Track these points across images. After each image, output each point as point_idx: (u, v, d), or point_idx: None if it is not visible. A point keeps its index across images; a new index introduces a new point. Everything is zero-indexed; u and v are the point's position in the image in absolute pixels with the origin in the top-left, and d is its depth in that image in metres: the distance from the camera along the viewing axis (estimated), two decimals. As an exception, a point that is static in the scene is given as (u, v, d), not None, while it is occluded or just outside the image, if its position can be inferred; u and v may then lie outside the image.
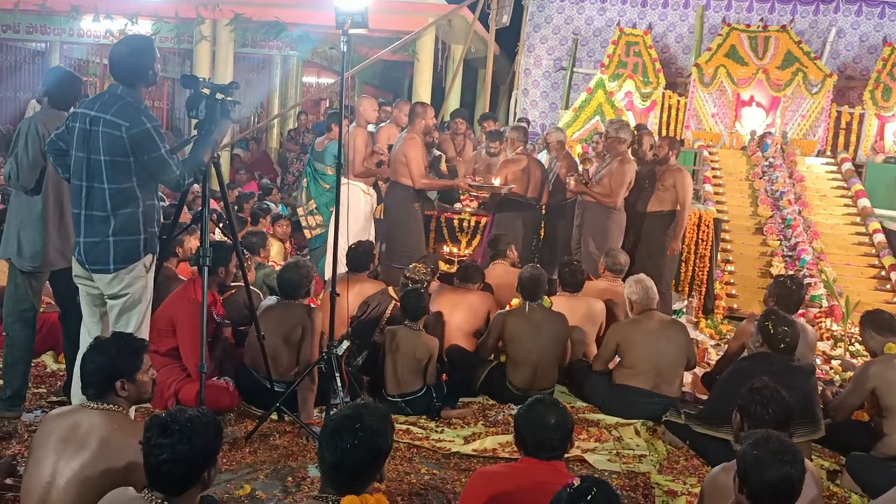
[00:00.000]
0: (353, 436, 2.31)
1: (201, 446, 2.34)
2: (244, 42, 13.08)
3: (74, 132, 3.54)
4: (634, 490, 3.98)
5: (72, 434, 2.67)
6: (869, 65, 11.79)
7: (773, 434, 2.63)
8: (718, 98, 11.43)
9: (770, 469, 2.49)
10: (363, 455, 2.32)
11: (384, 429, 2.40)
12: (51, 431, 2.70)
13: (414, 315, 4.87)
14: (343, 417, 2.38)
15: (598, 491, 2.25)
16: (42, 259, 4.13)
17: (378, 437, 2.35)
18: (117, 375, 2.78)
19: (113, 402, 2.78)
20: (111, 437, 2.66)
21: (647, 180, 6.80)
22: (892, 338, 4.44)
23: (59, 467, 2.61)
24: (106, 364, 2.78)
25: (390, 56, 12.38)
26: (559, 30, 13.19)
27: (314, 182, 7.54)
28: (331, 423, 2.38)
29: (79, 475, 2.60)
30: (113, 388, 2.78)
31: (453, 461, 4.18)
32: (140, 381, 2.85)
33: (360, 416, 2.36)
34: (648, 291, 5.12)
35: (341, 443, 2.30)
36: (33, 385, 4.69)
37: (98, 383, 2.79)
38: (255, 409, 4.57)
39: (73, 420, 2.72)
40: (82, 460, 2.61)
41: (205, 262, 3.76)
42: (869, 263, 8.34)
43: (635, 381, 4.93)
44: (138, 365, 2.84)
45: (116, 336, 2.97)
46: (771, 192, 9.30)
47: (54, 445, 2.65)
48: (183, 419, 2.34)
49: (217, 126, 3.69)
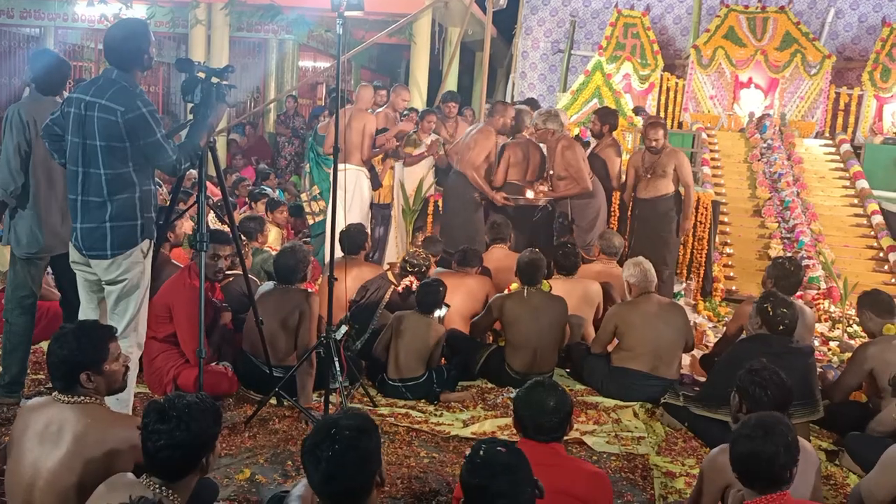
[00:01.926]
0: (332, 443, 2.16)
1: (199, 432, 2.33)
2: (239, 26, 13.00)
3: (70, 117, 3.52)
4: (633, 472, 4.00)
5: (45, 431, 2.60)
6: (868, 46, 11.74)
7: (761, 413, 2.67)
8: (717, 80, 11.39)
9: (739, 443, 2.56)
10: (350, 458, 2.16)
11: (365, 426, 2.24)
12: (25, 427, 2.63)
13: (428, 309, 4.87)
14: (319, 428, 2.23)
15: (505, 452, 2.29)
16: (38, 245, 4.13)
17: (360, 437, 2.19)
18: (81, 367, 2.65)
19: (83, 393, 2.67)
20: (86, 431, 2.59)
21: (642, 167, 6.81)
22: (890, 319, 4.45)
23: (38, 466, 2.56)
24: (68, 356, 2.64)
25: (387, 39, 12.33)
26: (556, 12, 13.13)
27: (317, 167, 7.52)
28: (308, 441, 2.21)
29: (58, 472, 2.55)
30: (78, 381, 2.66)
31: (452, 444, 4.19)
32: (108, 371, 2.72)
33: (335, 423, 2.21)
34: (647, 274, 5.12)
35: (322, 453, 2.15)
36: (32, 371, 4.70)
37: (63, 377, 2.67)
38: (254, 393, 4.58)
39: (46, 416, 2.63)
40: (58, 457, 2.55)
41: (202, 248, 3.75)
42: (867, 245, 8.34)
43: (634, 364, 4.94)
44: (103, 355, 2.70)
45: (79, 326, 2.81)
46: (769, 174, 9.28)
47: (30, 443, 2.59)
48: (181, 405, 2.33)
49: (213, 110, 3.67)
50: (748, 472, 2.54)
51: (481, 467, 2.26)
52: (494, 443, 2.36)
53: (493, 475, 2.24)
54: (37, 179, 4.08)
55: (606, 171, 7.17)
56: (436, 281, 5.00)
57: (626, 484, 3.87)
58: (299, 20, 13.02)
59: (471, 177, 6.61)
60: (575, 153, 6.64)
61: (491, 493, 2.23)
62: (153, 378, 4.49)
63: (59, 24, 13.48)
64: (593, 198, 6.77)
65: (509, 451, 2.32)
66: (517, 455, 2.32)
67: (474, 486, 2.26)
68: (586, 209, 6.75)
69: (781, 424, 2.57)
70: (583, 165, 6.64)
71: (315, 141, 7.63)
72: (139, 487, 2.34)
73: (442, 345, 4.90)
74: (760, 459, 2.49)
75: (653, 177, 6.76)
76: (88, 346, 2.68)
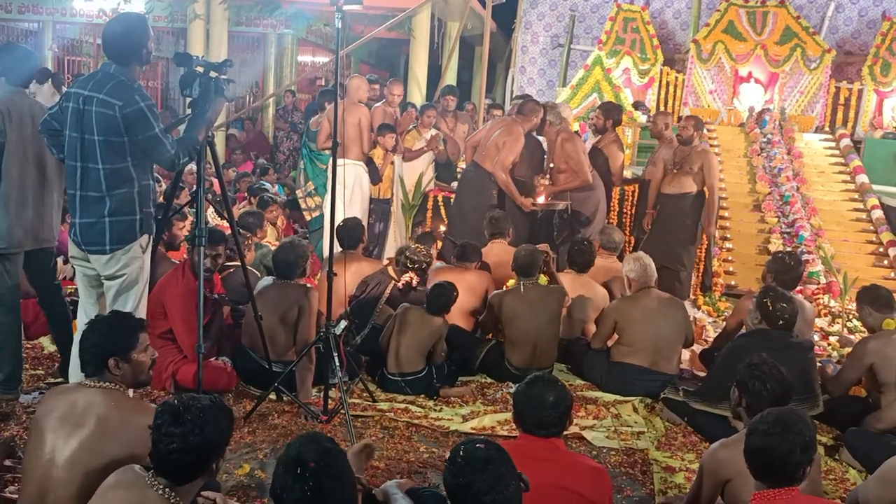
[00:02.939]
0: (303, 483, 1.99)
1: (212, 437, 2.32)
2: (238, 20, 12.97)
3: (68, 112, 3.52)
4: (632, 466, 4.00)
5: (69, 412, 2.65)
6: (868, 40, 11.71)
7: (780, 409, 2.64)
8: (716, 74, 11.37)
9: (753, 438, 2.54)
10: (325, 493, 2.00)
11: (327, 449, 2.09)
12: (50, 410, 2.69)
13: (437, 311, 4.86)
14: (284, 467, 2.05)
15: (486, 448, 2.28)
16: (7, 240, 4.01)
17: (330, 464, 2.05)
18: (111, 353, 2.74)
19: (110, 380, 2.76)
20: (108, 414, 2.65)
21: (671, 161, 6.79)
22: (889, 314, 4.45)
23: (58, 445, 2.60)
24: (100, 342, 2.75)
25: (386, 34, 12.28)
26: (556, 6, 13.09)
27: (310, 163, 7.49)
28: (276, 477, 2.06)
29: (77, 453, 2.59)
30: (107, 367, 2.75)
31: (452, 439, 4.19)
32: (136, 360, 2.80)
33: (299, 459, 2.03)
34: (647, 269, 5.11)
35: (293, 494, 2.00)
36: (31, 367, 4.69)
37: (93, 361, 2.77)
38: (254, 389, 4.58)
39: (71, 398, 2.70)
40: (80, 438, 2.60)
41: (200, 243, 3.74)
42: (867, 240, 8.33)
43: (633, 359, 4.94)
44: (133, 344, 2.80)
45: (113, 314, 2.95)
46: (769, 168, 9.26)
47: (53, 424, 2.64)
48: (196, 408, 2.32)
49: (211, 104, 3.66)
50: (760, 465, 2.53)
51: (463, 465, 2.24)
52: (473, 441, 2.35)
53: (475, 471, 2.22)
54: (9, 172, 3.96)
55: (608, 166, 7.15)
56: (448, 284, 4.97)
57: (626, 479, 3.87)
58: (298, 14, 12.99)
59: (502, 181, 6.55)
60: (575, 145, 6.64)
61: (475, 490, 2.20)
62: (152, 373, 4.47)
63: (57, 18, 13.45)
64: (593, 191, 6.76)
65: (489, 447, 2.31)
66: (497, 450, 2.30)
67: (459, 487, 2.24)
68: (585, 203, 6.74)
69: (801, 423, 2.55)
70: (583, 158, 6.64)
71: (307, 137, 7.59)
72: (145, 486, 2.33)
73: (443, 340, 4.89)
74: (774, 456, 2.48)
75: (679, 172, 6.75)
76: (120, 333, 2.79)
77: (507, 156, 6.50)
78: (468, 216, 6.64)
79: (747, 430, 2.62)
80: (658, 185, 6.94)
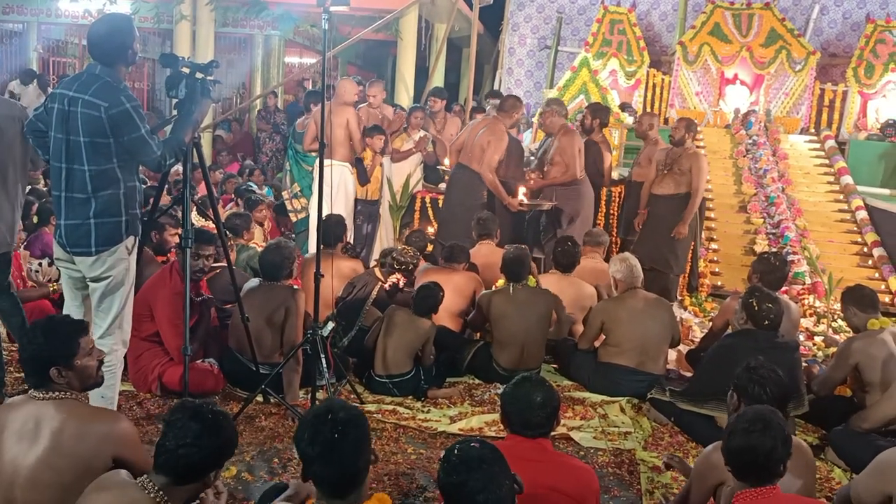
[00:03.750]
0: (333, 426, 2.20)
1: (223, 443, 2.37)
2: (225, 21, 12.94)
3: (53, 113, 3.49)
4: (619, 467, 4.01)
5: (22, 428, 2.55)
6: (852, 42, 11.79)
7: (757, 407, 2.66)
8: (702, 76, 11.42)
9: (735, 437, 2.56)
10: (351, 440, 2.22)
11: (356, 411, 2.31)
12: (3, 426, 2.57)
13: (424, 313, 4.86)
14: (314, 417, 2.27)
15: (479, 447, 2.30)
16: None
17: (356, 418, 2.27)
18: (51, 362, 2.61)
19: (57, 389, 2.63)
20: (62, 427, 2.54)
21: (663, 162, 6.82)
22: (874, 314, 4.47)
23: (18, 463, 2.52)
24: (36, 351, 2.61)
25: (373, 35, 12.30)
26: (543, 8, 13.12)
27: (296, 165, 7.46)
28: (305, 427, 2.25)
29: (37, 469, 2.50)
30: (49, 377, 2.61)
31: (440, 440, 4.19)
32: (80, 366, 2.67)
33: (329, 409, 2.27)
34: (633, 270, 5.13)
35: (323, 437, 2.20)
36: (16, 370, 4.65)
37: (33, 372, 2.64)
38: (241, 391, 4.56)
39: (23, 413, 2.59)
40: (37, 455, 2.51)
41: (187, 244, 3.72)
42: (851, 240, 8.39)
43: (620, 359, 4.95)
44: (73, 350, 2.65)
45: (48, 321, 2.77)
46: (755, 169, 9.32)
47: (9, 442, 2.54)
48: (216, 411, 2.37)
49: (197, 106, 3.64)
50: (744, 464, 2.54)
51: (457, 464, 2.26)
52: (468, 441, 2.38)
53: (469, 470, 2.24)
54: None
55: (597, 166, 7.18)
56: (434, 285, 4.97)
57: (613, 479, 3.88)
58: (285, 16, 12.97)
59: (489, 181, 6.56)
60: (572, 140, 6.69)
61: (469, 489, 2.22)
62: (138, 376, 4.46)
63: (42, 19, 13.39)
64: (579, 188, 6.79)
65: (483, 447, 2.32)
66: (492, 450, 2.32)
67: (452, 485, 2.25)
68: (570, 200, 6.75)
69: (777, 418, 2.59)
70: (577, 154, 6.67)
71: (293, 139, 7.57)
72: (132, 488, 2.32)
73: (432, 343, 4.88)
74: (758, 453, 2.50)
75: (669, 173, 6.77)
76: (56, 341, 2.64)
77: (493, 154, 6.51)
78: (458, 218, 6.62)
79: (727, 432, 2.62)
80: (650, 185, 6.97)
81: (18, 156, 3.97)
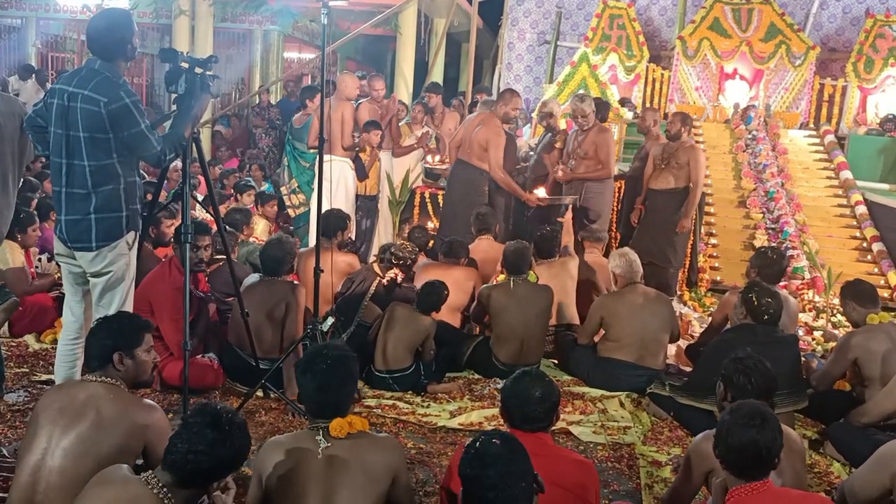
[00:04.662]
0: (324, 359, 2.67)
1: (235, 455, 2.38)
2: (223, 16, 12.91)
3: (52, 108, 3.49)
4: (619, 461, 4.02)
5: (69, 404, 2.71)
6: (851, 37, 11.79)
7: (749, 402, 2.66)
8: (702, 71, 11.41)
9: (734, 434, 2.54)
10: (339, 373, 2.68)
11: (348, 352, 2.77)
12: (50, 403, 2.76)
13: (426, 310, 4.86)
14: (312, 352, 2.77)
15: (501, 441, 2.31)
16: None
17: (346, 357, 2.73)
18: (115, 348, 2.84)
19: (113, 376, 2.84)
20: (106, 406, 2.71)
21: (660, 157, 6.81)
22: (873, 308, 4.48)
23: (55, 435, 2.65)
24: (106, 336, 2.87)
25: (372, 30, 12.28)
26: (542, 3, 13.10)
27: (294, 160, 7.46)
28: (304, 359, 2.73)
29: (74, 443, 2.63)
30: (111, 361, 2.84)
31: (439, 435, 4.20)
32: (140, 358, 2.90)
33: (326, 346, 2.78)
34: (632, 265, 5.13)
35: (317, 367, 2.65)
36: (16, 365, 4.67)
37: (99, 355, 2.86)
38: (241, 386, 4.57)
39: (72, 392, 2.79)
40: (79, 430, 2.65)
41: (186, 240, 3.72)
42: (851, 235, 8.40)
43: (620, 354, 4.96)
44: (138, 341, 2.91)
45: (120, 313, 3.14)
46: (754, 164, 9.32)
47: (52, 415, 2.70)
48: (236, 421, 2.38)
49: (197, 101, 3.64)
50: (744, 459, 2.53)
51: (475, 458, 2.27)
52: (491, 435, 2.36)
53: (484, 465, 2.24)
54: None
55: None
56: (440, 283, 4.97)
57: (613, 473, 3.89)
58: (284, 10, 12.95)
59: (501, 180, 6.53)
60: (607, 137, 6.77)
61: (482, 483, 2.23)
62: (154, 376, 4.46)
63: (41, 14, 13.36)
64: (607, 186, 6.84)
65: (504, 443, 2.30)
66: (511, 448, 2.30)
67: (468, 477, 2.27)
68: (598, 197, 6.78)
69: (769, 409, 2.60)
70: (613, 151, 6.72)
71: (291, 135, 7.56)
72: (135, 483, 2.32)
73: (432, 339, 4.88)
74: (760, 447, 2.50)
75: (666, 168, 6.76)
76: (127, 329, 2.93)
77: (497, 152, 6.48)
78: (460, 214, 6.60)
79: (723, 429, 2.58)
80: (647, 180, 6.97)
81: (17, 152, 3.97)
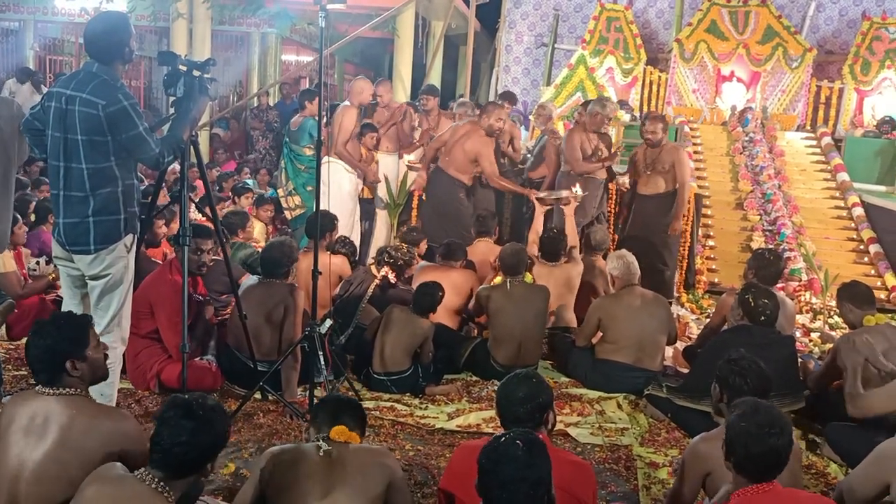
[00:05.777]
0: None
1: (218, 436, 2.39)
2: (221, 19, 12.90)
3: (50, 111, 3.49)
4: (617, 462, 4.02)
5: (30, 424, 2.58)
6: (848, 39, 11.79)
7: (761, 405, 2.60)
8: (699, 73, 11.43)
9: (755, 442, 2.49)
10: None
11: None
12: (10, 421, 2.61)
13: (422, 311, 4.87)
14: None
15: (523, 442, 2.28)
16: None
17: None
18: (66, 355, 2.66)
19: (68, 384, 2.67)
20: (71, 422, 2.58)
21: (643, 163, 6.82)
22: (870, 310, 4.49)
23: (24, 458, 2.55)
24: (52, 345, 2.65)
25: (370, 33, 12.28)
26: (540, 5, 13.11)
27: (290, 163, 7.47)
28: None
29: (44, 464, 2.53)
30: (64, 370, 2.65)
31: (437, 437, 4.21)
32: (91, 357, 2.73)
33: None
34: (630, 267, 5.15)
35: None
36: (14, 367, 4.67)
37: (47, 367, 2.66)
38: (239, 388, 4.57)
39: (30, 409, 2.62)
40: (44, 450, 2.54)
41: (184, 242, 3.73)
42: (848, 237, 8.41)
43: (617, 356, 4.97)
44: (85, 341, 2.72)
45: (56, 316, 2.84)
46: (751, 167, 9.33)
47: (15, 437, 2.57)
48: (207, 406, 2.39)
49: (195, 103, 3.65)
50: (761, 466, 2.49)
51: (492, 451, 2.27)
52: (520, 434, 2.32)
53: (496, 463, 2.23)
54: None
55: None
56: (434, 284, 4.98)
57: (610, 475, 3.89)
58: (282, 13, 12.94)
59: (499, 186, 6.77)
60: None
61: (492, 479, 2.23)
62: (136, 374, 4.47)
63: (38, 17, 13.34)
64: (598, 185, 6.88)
65: (526, 446, 2.26)
66: (532, 454, 2.25)
67: (482, 469, 2.27)
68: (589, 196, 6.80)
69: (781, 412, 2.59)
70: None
71: (289, 137, 7.57)
72: (130, 480, 2.33)
73: (430, 341, 4.89)
74: (780, 453, 2.49)
75: (652, 173, 6.76)
76: (71, 333, 2.70)
77: (488, 163, 6.59)
78: (434, 222, 6.76)
79: (740, 437, 2.52)
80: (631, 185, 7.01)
81: (14, 156, 3.97)
